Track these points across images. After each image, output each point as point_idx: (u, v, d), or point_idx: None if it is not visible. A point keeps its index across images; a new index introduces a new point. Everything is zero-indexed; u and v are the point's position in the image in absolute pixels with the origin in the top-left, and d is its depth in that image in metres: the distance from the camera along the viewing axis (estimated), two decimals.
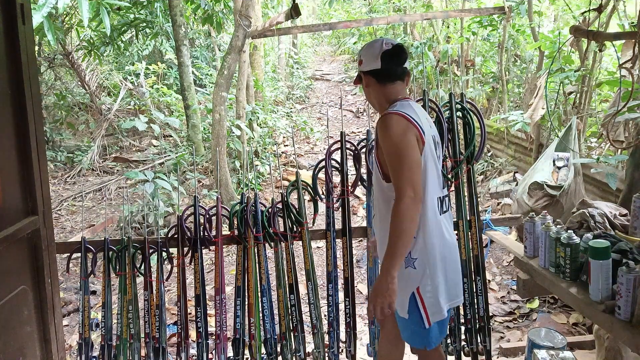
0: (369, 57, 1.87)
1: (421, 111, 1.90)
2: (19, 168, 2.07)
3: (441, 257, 1.86)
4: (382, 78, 1.88)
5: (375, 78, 1.88)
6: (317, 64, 15.86)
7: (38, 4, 4.84)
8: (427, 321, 1.86)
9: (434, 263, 1.84)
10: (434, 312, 1.85)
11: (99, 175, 7.64)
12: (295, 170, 2.74)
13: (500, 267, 4.26)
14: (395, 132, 1.75)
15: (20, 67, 2.01)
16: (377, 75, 1.88)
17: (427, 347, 1.93)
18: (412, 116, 1.78)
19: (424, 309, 1.85)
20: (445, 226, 1.90)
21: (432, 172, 1.83)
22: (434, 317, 1.86)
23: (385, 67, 1.85)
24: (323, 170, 2.68)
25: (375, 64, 1.86)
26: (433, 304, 1.85)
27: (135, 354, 2.64)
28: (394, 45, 1.86)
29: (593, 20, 4.07)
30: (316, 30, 8.95)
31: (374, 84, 1.90)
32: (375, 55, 1.85)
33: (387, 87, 1.88)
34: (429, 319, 1.85)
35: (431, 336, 1.91)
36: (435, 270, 1.84)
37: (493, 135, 6.34)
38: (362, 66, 1.90)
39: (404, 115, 1.77)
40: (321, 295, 2.98)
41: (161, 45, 10.18)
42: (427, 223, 1.82)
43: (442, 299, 1.86)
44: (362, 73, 1.91)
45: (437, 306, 1.85)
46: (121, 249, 2.63)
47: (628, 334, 1.79)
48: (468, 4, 7.73)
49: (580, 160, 3.92)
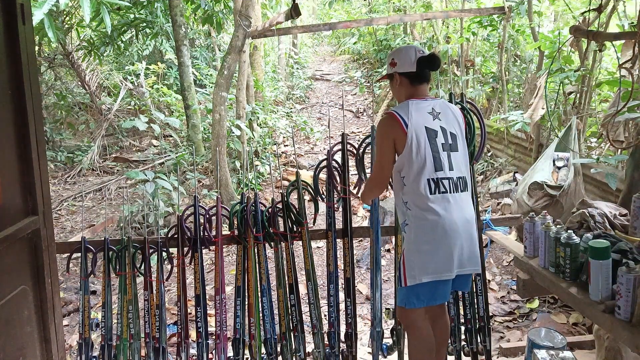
0: (405, 61, 2.17)
1: (423, 107, 2.14)
2: (19, 168, 2.06)
3: (429, 231, 2.07)
4: (415, 80, 2.19)
5: (409, 79, 2.19)
6: (317, 64, 15.84)
7: (39, 1, 4.84)
8: (404, 281, 2.12)
9: (419, 234, 2.09)
10: (411, 276, 2.10)
11: (99, 175, 7.64)
12: (295, 170, 2.74)
13: (500, 267, 4.26)
14: (378, 133, 2.18)
15: (20, 67, 2.01)
16: (411, 77, 2.18)
17: (406, 305, 2.16)
18: (400, 114, 2.10)
19: (403, 269, 2.13)
20: (442, 205, 2.08)
21: (421, 157, 2.08)
22: (410, 280, 2.11)
23: (419, 71, 2.17)
24: (324, 170, 2.68)
25: (411, 67, 2.16)
26: (412, 267, 2.10)
27: (135, 354, 2.64)
28: (429, 53, 2.21)
29: (593, 20, 4.07)
30: (316, 30, 8.96)
31: (406, 85, 2.20)
32: (412, 61, 2.15)
33: (416, 87, 2.19)
34: (406, 280, 2.12)
35: (408, 296, 2.15)
36: (420, 240, 2.09)
37: (493, 135, 6.35)
38: (397, 67, 2.19)
39: (393, 113, 2.11)
40: (321, 295, 2.98)
41: (161, 45, 10.18)
42: (415, 200, 2.10)
43: (420, 268, 2.08)
44: (397, 74, 2.20)
45: (414, 270, 2.09)
46: (121, 249, 2.63)
47: (628, 334, 1.79)
48: (468, 4, 7.73)
49: (580, 160, 3.92)
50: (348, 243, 2.67)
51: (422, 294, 2.13)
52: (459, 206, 2.11)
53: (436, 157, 2.09)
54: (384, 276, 4.23)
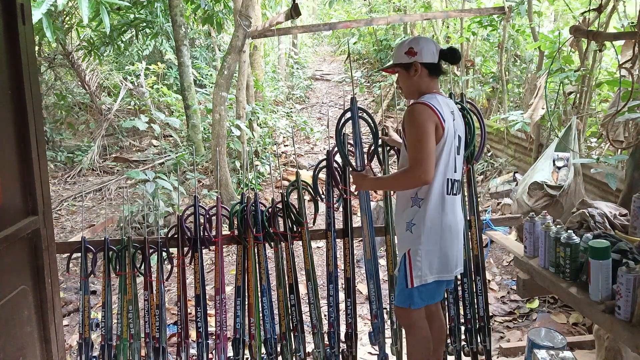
0: (427, 51, 2.08)
1: (446, 104, 2.10)
2: (19, 168, 2.06)
3: (439, 231, 2.07)
4: (434, 71, 2.12)
5: (428, 70, 2.10)
6: (317, 64, 15.85)
7: (37, 1, 4.83)
8: (411, 282, 2.09)
9: (429, 234, 2.06)
10: (417, 276, 2.08)
11: (99, 175, 7.64)
12: (295, 170, 2.74)
13: (500, 267, 4.26)
14: (419, 119, 1.98)
15: (20, 67, 2.01)
16: (431, 69, 2.10)
17: (412, 305, 2.13)
18: (436, 106, 2.01)
19: (410, 270, 2.08)
20: (451, 206, 2.10)
21: (446, 156, 2.05)
22: (416, 280, 2.08)
23: (439, 63, 2.12)
24: (324, 170, 2.68)
25: (433, 58, 2.09)
26: (419, 267, 2.07)
27: (135, 354, 2.64)
28: (448, 46, 2.17)
29: (593, 20, 4.06)
30: (316, 30, 8.95)
31: (425, 76, 2.11)
32: (434, 52, 2.09)
33: (432, 79, 2.12)
34: (412, 281, 2.08)
35: (413, 297, 2.12)
36: (429, 240, 2.06)
37: (493, 135, 6.35)
38: (417, 57, 2.07)
39: (429, 104, 2.00)
40: (321, 295, 2.98)
41: (161, 45, 10.17)
42: (431, 198, 2.05)
43: (428, 268, 2.08)
44: (419, 63, 2.08)
45: (421, 271, 2.07)
46: (121, 249, 2.63)
47: (628, 334, 1.79)
48: (468, 4, 7.73)
49: (580, 160, 3.92)
50: (348, 243, 2.67)
51: (424, 294, 2.13)
52: (459, 208, 2.18)
53: (451, 158, 2.09)
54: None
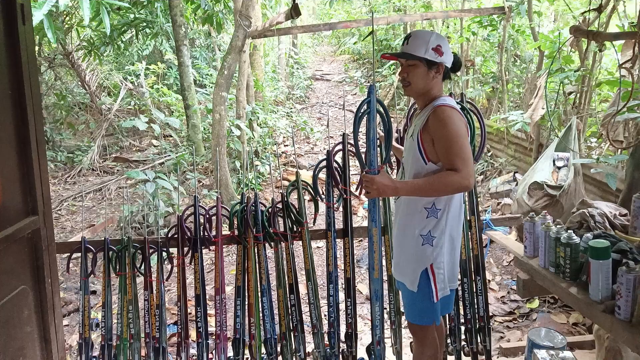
0: (449, 54, 1.98)
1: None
2: (19, 168, 2.07)
3: (453, 240, 2.05)
4: (446, 76, 2.03)
5: (443, 74, 2.01)
6: (317, 64, 15.85)
7: (38, 2, 4.84)
8: (436, 296, 2.01)
9: (450, 245, 2.03)
10: (442, 288, 2.03)
11: (99, 175, 7.63)
12: (295, 170, 2.74)
13: (500, 267, 4.26)
14: (457, 123, 1.88)
15: (20, 67, 2.01)
16: (445, 73, 2.01)
17: (436, 322, 2.09)
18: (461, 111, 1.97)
19: (434, 284, 2.00)
20: (462, 214, 2.09)
21: None
22: (441, 292, 2.03)
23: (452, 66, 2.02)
24: (324, 170, 2.68)
25: (450, 60, 2.00)
26: (442, 280, 2.02)
27: (135, 354, 2.64)
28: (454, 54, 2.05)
29: (593, 20, 4.07)
30: (316, 30, 8.94)
31: (440, 78, 2.00)
32: (450, 53, 2.00)
33: (442, 82, 2.03)
34: (437, 295, 2.01)
35: (437, 311, 2.07)
36: (449, 251, 2.03)
37: (493, 135, 6.34)
38: (443, 58, 1.96)
39: (458, 110, 1.94)
40: (321, 295, 2.98)
41: (161, 45, 10.18)
42: (451, 208, 1.99)
43: (448, 279, 2.05)
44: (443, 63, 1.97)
45: (444, 282, 2.03)
46: (121, 249, 2.63)
47: (628, 334, 1.79)
48: (468, 4, 7.73)
49: (580, 160, 3.92)
50: (348, 243, 2.67)
51: (443, 305, 2.12)
52: None
53: None
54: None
